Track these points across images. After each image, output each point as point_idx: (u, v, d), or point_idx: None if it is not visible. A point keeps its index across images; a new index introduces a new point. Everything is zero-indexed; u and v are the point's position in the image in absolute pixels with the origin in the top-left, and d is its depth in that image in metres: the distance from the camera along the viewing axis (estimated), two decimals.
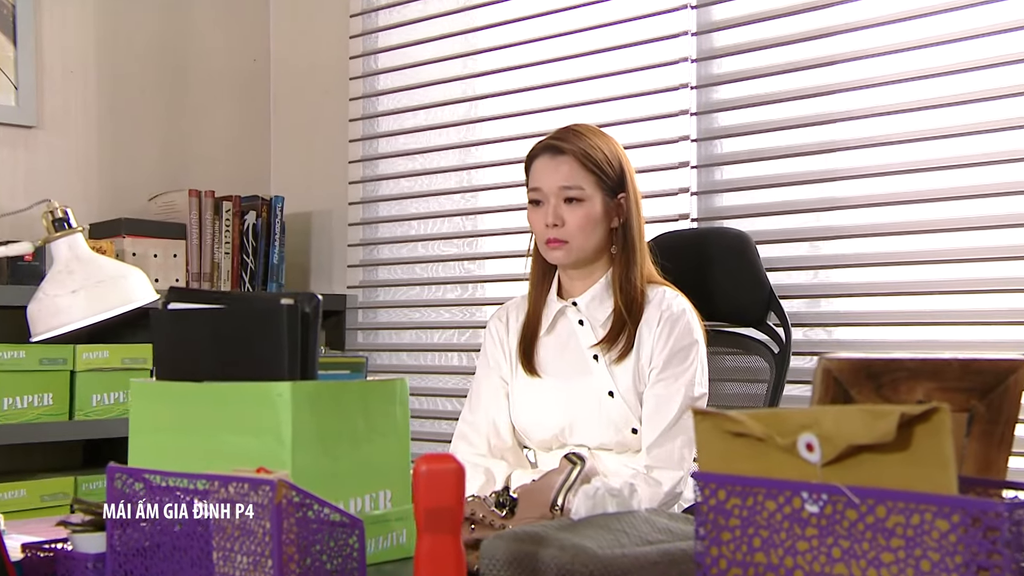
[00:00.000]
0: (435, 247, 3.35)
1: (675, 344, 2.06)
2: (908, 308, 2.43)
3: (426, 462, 1.04)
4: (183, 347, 1.48)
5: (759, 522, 0.88)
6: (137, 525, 1.20)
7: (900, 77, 2.44)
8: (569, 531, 1.09)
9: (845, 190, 2.53)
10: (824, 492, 0.84)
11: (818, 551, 0.84)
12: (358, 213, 3.52)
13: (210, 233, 3.34)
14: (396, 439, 1.51)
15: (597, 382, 2.09)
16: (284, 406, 1.36)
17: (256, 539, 1.07)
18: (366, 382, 1.51)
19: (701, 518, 0.91)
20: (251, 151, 3.76)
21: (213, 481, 1.11)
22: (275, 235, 3.43)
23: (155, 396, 1.50)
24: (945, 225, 2.38)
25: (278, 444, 1.36)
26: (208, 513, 1.12)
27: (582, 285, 2.15)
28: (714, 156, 2.75)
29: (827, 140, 2.55)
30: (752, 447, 0.89)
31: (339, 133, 3.56)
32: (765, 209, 2.64)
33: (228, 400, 1.41)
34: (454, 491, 1.04)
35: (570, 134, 2.10)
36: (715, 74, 2.75)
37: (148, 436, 1.49)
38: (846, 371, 1.00)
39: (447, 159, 3.32)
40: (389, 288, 3.46)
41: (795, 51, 2.61)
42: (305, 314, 1.41)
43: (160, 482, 1.17)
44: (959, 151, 2.36)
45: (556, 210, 2.08)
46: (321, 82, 3.65)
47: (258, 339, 1.41)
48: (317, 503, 1.09)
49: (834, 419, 0.84)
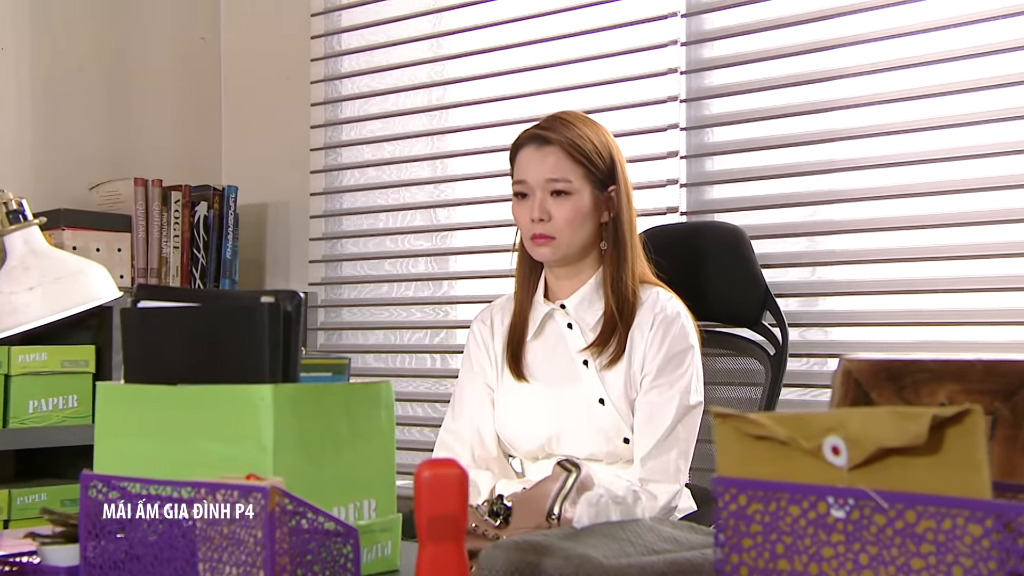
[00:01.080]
0: (405, 241, 3.37)
1: (669, 349, 2.09)
2: (914, 307, 2.49)
3: (428, 468, 1.07)
4: (155, 348, 1.49)
5: (782, 528, 0.91)
6: (113, 536, 1.22)
7: (903, 63, 2.49)
8: (572, 540, 1.13)
9: (844, 182, 2.58)
10: (851, 496, 0.87)
11: (844, 557, 0.88)
12: (320, 205, 3.54)
13: (157, 226, 3.35)
14: (381, 445, 1.53)
15: (587, 389, 2.11)
16: (266, 410, 1.38)
17: (247, 549, 1.09)
18: (350, 385, 1.54)
19: (720, 524, 0.94)
20: (201, 137, 3.76)
21: (199, 488, 1.13)
22: (228, 228, 3.44)
23: (124, 400, 1.51)
24: (952, 219, 2.44)
25: (259, 450, 1.38)
26: (193, 522, 1.14)
27: (570, 285, 2.17)
28: (705, 146, 2.79)
29: (825, 129, 2.60)
30: (774, 450, 0.93)
31: (299, 119, 3.57)
32: (759, 202, 2.69)
33: (204, 404, 1.43)
34: (457, 498, 1.07)
35: (557, 123, 2.13)
36: (706, 58, 2.80)
37: (115, 442, 1.50)
38: (866, 372, 1.04)
39: (418, 147, 3.35)
40: (354, 285, 3.48)
41: (791, 34, 2.66)
42: (287, 313, 1.44)
43: (140, 490, 1.20)
44: (967, 141, 2.42)
45: (542, 204, 2.09)
46: (278, 63, 3.66)
47: (237, 339, 1.43)
48: (311, 511, 1.12)
49: (862, 421, 0.88)
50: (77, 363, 2.98)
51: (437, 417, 3.17)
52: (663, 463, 2.03)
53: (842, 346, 2.59)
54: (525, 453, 2.18)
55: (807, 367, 2.64)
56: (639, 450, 2.06)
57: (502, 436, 2.19)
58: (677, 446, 2.05)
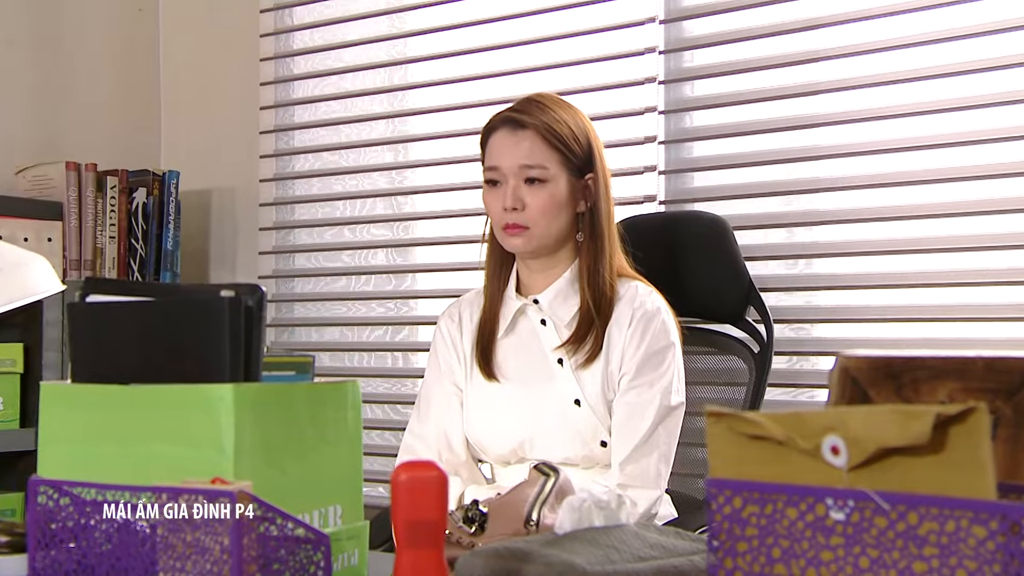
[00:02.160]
0: (363, 231, 3.39)
1: (649, 347, 2.12)
2: (908, 303, 2.54)
3: (406, 470, 1.10)
4: (105, 346, 1.51)
5: (779, 531, 0.95)
6: (64, 546, 1.24)
7: (895, 43, 2.54)
8: (555, 546, 1.16)
9: (835, 169, 2.62)
10: (851, 498, 0.91)
11: (844, 561, 0.91)
12: (271, 192, 3.56)
13: (92, 214, 3.33)
14: (347, 449, 1.56)
15: (562, 389, 2.14)
16: (226, 411, 1.39)
17: (212, 557, 1.12)
18: (315, 384, 1.56)
19: (714, 528, 0.98)
20: (140, 117, 3.76)
21: (161, 493, 1.15)
22: (169, 216, 3.44)
23: (71, 401, 1.51)
24: (946, 210, 2.49)
25: (218, 454, 1.40)
26: (153, 529, 1.16)
27: (543, 279, 2.19)
28: (685, 130, 2.83)
29: (814, 113, 2.64)
30: (770, 450, 0.97)
31: (247, 98, 3.58)
32: (743, 191, 2.73)
33: (159, 405, 1.44)
34: (437, 501, 1.10)
35: (532, 105, 2.15)
36: (686, 37, 2.83)
37: (61, 448, 1.50)
38: (865, 370, 1.07)
39: (377, 130, 3.37)
40: (308, 279, 3.49)
41: (777, 12, 2.70)
42: (248, 308, 1.46)
43: (95, 496, 1.21)
44: (967, 126, 2.46)
45: (515, 192, 2.12)
46: (223, 36, 3.66)
47: (195, 337, 1.45)
48: (280, 516, 1.15)
49: (863, 420, 0.91)
50: (3, 362, 2.97)
51: (399, 420, 3.20)
52: (643, 468, 2.06)
53: (831, 343, 2.64)
54: (496, 457, 2.20)
55: (793, 365, 2.68)
56: (617, 454, 2.09)
57: (471, 439, 2.22)
58: (657, 449, 2.08)
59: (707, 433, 1.00)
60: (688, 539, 1.23)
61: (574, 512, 1.20)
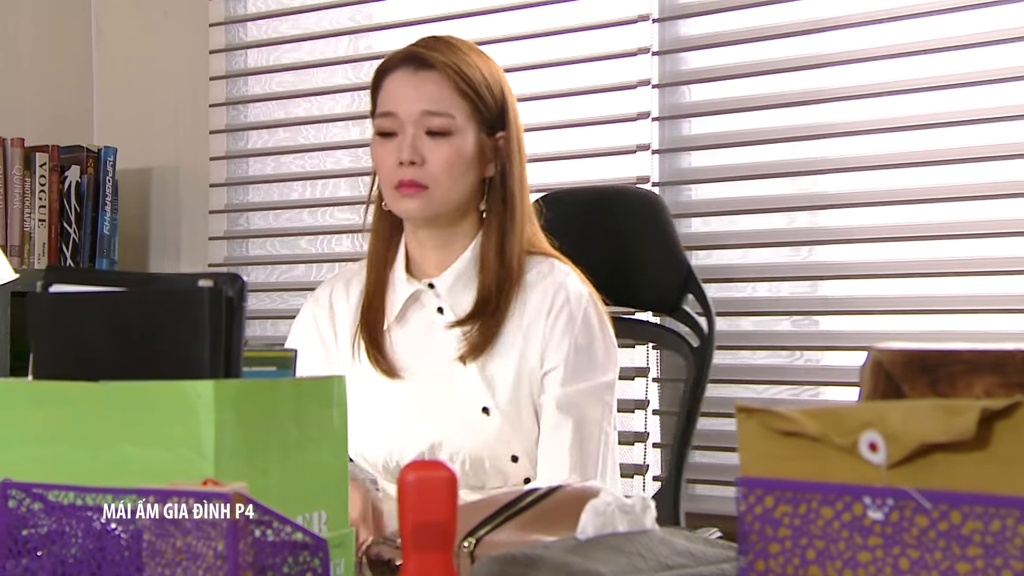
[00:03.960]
0: (326, 215, 3.43)
1: (581, 338, 2.03)
2: (921, 293, 2.63)
3: (413, 470, 1.15)
4: (71, 340, 1.54)
5: (813, 531, 1.01)
6: (35, 554, 1.29)
7: (902, 50, 2.61)
8: (577, 553, 1.21)
9: (844, 148, 2.70)
10: (890, 497, 0.97)
11: (883, 562, 0.97)
12: (222, 171, 3.59)
13: (18, 194, 3.35)
14: (332, 449, 1.59)
15: (466, 393, 2.03)
16: (205, 409, 1.42)
17: (205, 563, 1.17)
18: (299, 380, 1.60)
19: (744, 528, 1.04)
20: (70, 88, 3.76)
21: (147, 496, 1.20)
22: (105, 197, 3.46)
23: (30, 399, 1.53)
24: (961, 192, 2.57)
25: (197, 456, 1.43)
26: (139, 535, 1.21)
27: (438, 257, 2.07)
28: (682, 106, 2.90)
29: (825, 87, 2.72)
30: (804, 448, 1.03)
31: (194, 68, 3.60)
32: (745, 171, 2.80)
33: (130, 403, 1.46)
34: (446, 503, 1.15)
35: (440, 44, 2.03)
36: (682, 3, 2.90)
37: (19, 450, 1.51)
38: (899, 364, 1.14)
39: (341, 104, 3.41)
40: (264, 267, 3.53)
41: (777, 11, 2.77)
42: (228, 299, 1.51)
43: (73, 499, 1.26)
44: (975, 103, 2.55)
45: (414, 142, 1.98)
46: None
47: (172, 330, 1.49)
48: (277, 520, 1.20)
49: (902, 416, 0.97)
50: None
51: None
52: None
53: (840, 336, 2.74)
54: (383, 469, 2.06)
55: (730, 361, 2.78)
56: (557, 467, 1.99)
57: (358, 450, 2.07)
58: (609, 461, 2.03)
59: (737, 429, 1.06)
60: (718, 546, 1.28)
61: (598, 516, 1.24)
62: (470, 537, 1.46)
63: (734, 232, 2.82)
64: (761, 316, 2.80)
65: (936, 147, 2.57)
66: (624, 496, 1.40)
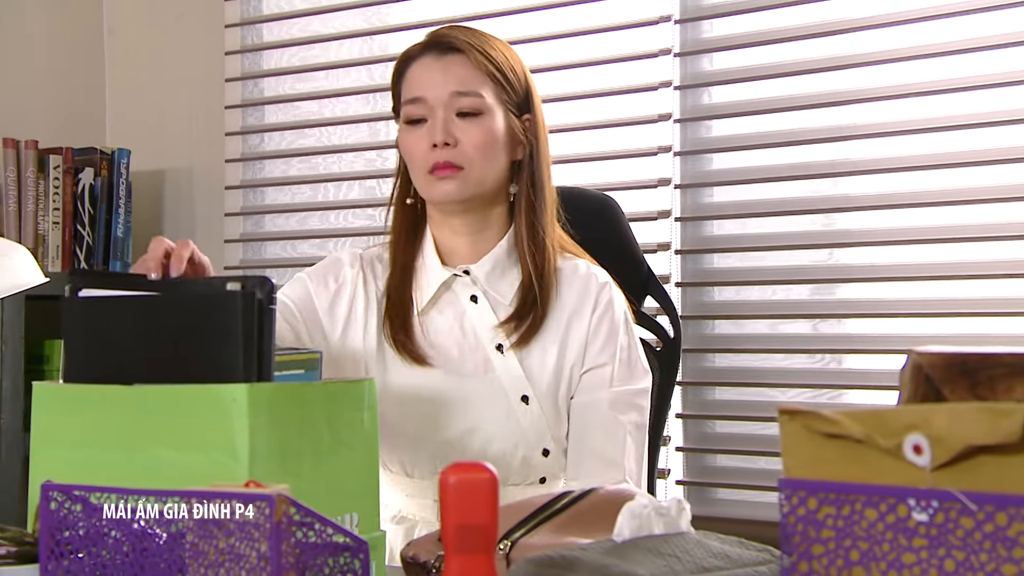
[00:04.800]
0: (340, 218, 3.45)
1: (626, 341, 2.07)
2: (949, 296, 2.66)
3: (455, 472, 1.18)
4: (102, 343, 1.56)
5: (857, 533, 1.03)
6: (76, 555, 1.31)
7: (929, 51, 2.64)
8: (614, 555, 1.23)
9: (868, 150, 2.72)
10: (935, 499, 0.99)
11: (928, 563, 0.99)
12: (238, 174, 3.61)
13: (32, 196, 3.36)
14: (364, 452, 1.62)
15: (504, 382, 2.03)
16: (239, 413, 1.44)
17: (248, 564, 1.19)
18: (331, 383, 1.62)
19: (788, 530, 1.06)
20: (83, 90, 3.77)
21: (189, 499, 1.22)
22: (118, 200, 3.47)
23: (66, 403, 1.56)
24: (979, 195, 2.60)
25: (231, 460, 1.46)
26: (181, 536, 1.23)
27: (472, 245, 2.07)
28: (702, 108, 2.92)
29: (852, 89, 2.74)
30: (848, 450, 1.05)
31: (210, 70, 3.62)
32: (771, 173, 2.82)
33: (165, 407, 1.49)
34: (488, 505, 1.17)
35: (459, 30, 2.05)
36: (703, 5, 2.92)
37: (55, 452, 1.54)
38: (939, 367, 1.16)
39: (356, 107, 3.43)
40: (280, 269, 3.55)
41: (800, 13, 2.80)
42: (259, 301, 1.52)
43: (116, 501, 1.28)
44: (996, 106, 2.58)
45: (446, 125, 1.99)
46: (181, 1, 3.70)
47: (203, 334, 1.51)
48: (319, 521, 1.22)
49: (948, 418, 0.99)
50: None
51: None
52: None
53: (860, 339, 2.75)
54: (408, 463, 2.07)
55: (826, 365, 2.79)
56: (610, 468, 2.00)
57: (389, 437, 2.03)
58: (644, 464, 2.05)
59: (780, 432, 1.08)
60: (753, 549, 1.30)
61: (634, 519, 1.26)
62: (505, 540, 1.47)
63: (756, 235, 2.84)
64: (785, 319, 2.83)
65: (970, 148, 2.60)
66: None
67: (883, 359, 2.69)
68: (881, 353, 2.69)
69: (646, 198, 2.92)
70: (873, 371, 2.72)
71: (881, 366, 2.70)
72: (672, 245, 2.90)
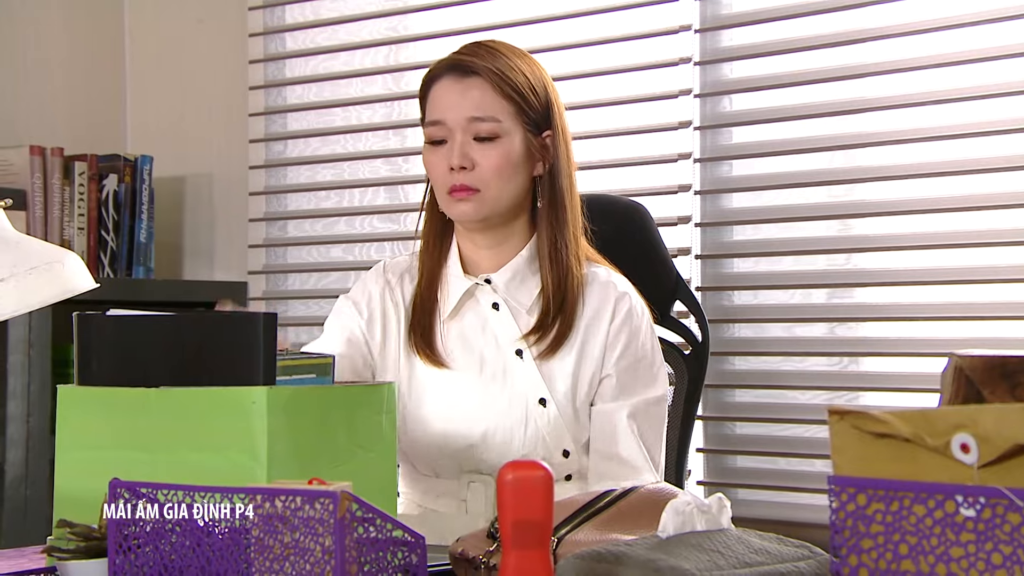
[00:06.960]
0: (362, 223, 3.49)
1: (646, 350, 2.11)
2: (961, 300, 2.69)
3: (512, 469, 1.22)
4: (126, 361, 1.58)
5: (906, 528, 1.07)
6: (142, 550, 1.35)
7: (948, 59, 2.66)
8: (660, 550, 1.27)
9: (886, 157, 2.75)
10: (982, 495, 1.03)
11: (976, 557, 1.03)
12: (261, 180, 3.64)
13: (58, 203, 3.36)
14: (382, 455, 1.63)
15: (523, 385, 2.08)
16: (258, 415, 1.47)
17: (313, 558, 1.23)
18: (349, 386, 1.65)
19: (837, 526, 1.10)
20: (105, 97, 3.80)
21: (255, 495, 1.27)
22: (141, 206, 3.49)
23: (91, 405, 1.59)
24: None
25: (251, 460, 1.48)
26: (244, 532, 1.27)
27: (492, 256, 2.13)
28: (722, 115, 2.96)
29: (877, 96, 2.76)
30: (896, 449, 1.09)
31: (233, 78, 3.66)
32: (790, 180, 2.86)
33: (187, 409, 1.52)
34: (543, 501, 1.22)
35: (481, 49, 2.09)
36: (723, 15, 2.96)
37: (81, 454, 1.58)
38: (979, 369, 1.20)
39: (378, 113, 3.47)
40: (302, 275, 3.59)
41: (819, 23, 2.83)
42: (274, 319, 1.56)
43: (181, 498, 1.32)
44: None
45: (463, 148, 2.04)
46: (204, 8, 3.73)
47: (226, 354, 1.54)
48: (380, 518, 1.26)
49: (995, 418, 1.04)
50: None
51: None
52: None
53: (880, 343, 2.79)
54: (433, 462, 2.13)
55: (845, 368, 2.83)
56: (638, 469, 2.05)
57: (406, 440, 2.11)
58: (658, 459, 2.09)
59: (829, 431, 1.12)
60: (791, 545, 1.34)
61: (678, 515, 1.31)
62: (552, 536, 1.51)
63: (775, 240, 2.88)
64: (803, 323, 2.87)
65: (984, 155, 2.63)
66: None
67: (900, 362, 2.74)
68: (898, 356, 2.73)
69: (667, 204, 2.95)
70: (890, 374, 2.76)
71: (897, 369, 2.74)
72: (692, 250, 2.94)
